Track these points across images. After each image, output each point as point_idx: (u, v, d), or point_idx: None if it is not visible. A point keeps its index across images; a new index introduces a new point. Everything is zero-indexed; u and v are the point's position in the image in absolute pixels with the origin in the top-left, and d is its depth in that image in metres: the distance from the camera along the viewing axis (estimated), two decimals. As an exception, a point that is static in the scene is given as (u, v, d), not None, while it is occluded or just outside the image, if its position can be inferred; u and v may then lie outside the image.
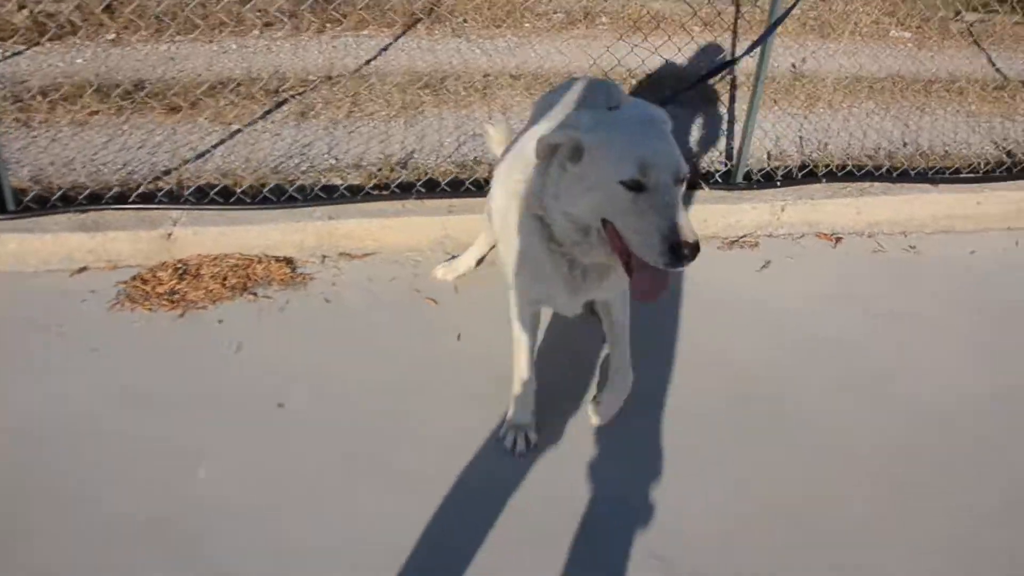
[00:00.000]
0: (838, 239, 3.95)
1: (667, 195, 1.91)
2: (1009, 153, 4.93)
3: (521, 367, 2.58)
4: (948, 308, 3.56)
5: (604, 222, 2.00)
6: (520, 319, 2.53)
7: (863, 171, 4.27)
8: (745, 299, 3.45)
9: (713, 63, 6.32)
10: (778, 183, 3.97)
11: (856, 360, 3.20)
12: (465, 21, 6.97)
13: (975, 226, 4.22)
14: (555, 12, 7.41)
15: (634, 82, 5.86)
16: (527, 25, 7.04)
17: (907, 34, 7.94)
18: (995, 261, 4.01)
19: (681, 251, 1.84)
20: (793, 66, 6.61)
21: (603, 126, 2.00)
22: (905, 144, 5.15)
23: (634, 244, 1.92)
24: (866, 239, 4.00)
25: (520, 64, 6.06)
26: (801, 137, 4.98)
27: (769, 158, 4.53)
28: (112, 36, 5.59)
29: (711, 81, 5.74)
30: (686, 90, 2.97)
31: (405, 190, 3.73)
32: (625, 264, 2.00)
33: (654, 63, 6.21)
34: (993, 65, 7.26)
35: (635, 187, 1.90)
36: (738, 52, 6.80)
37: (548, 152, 2.05)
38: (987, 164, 4.57)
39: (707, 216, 3.78)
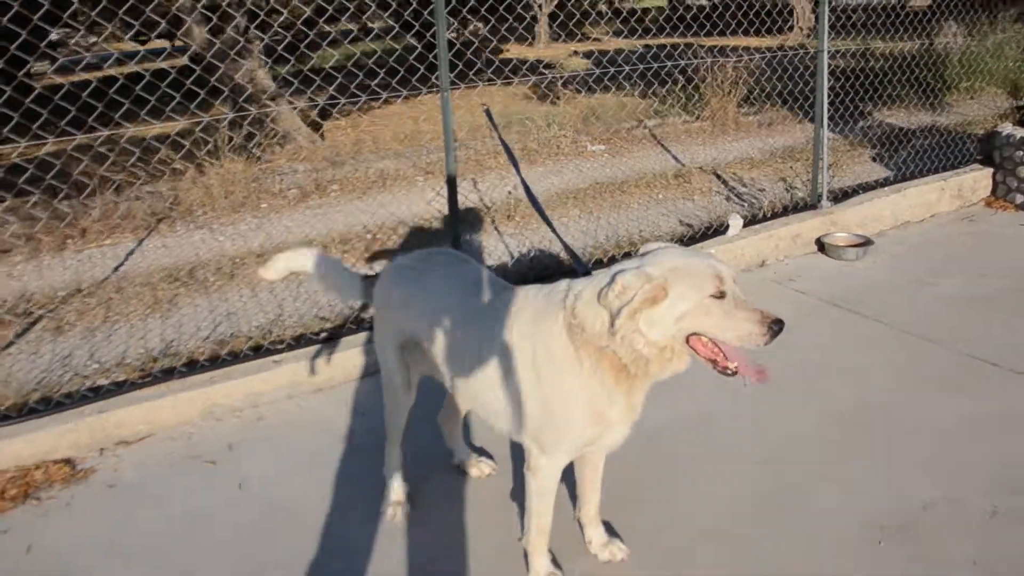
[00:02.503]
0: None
1: (738, 291, 2.29)
2: (689, 226, 5.92)
3: (548, 520, 2.70)
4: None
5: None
6: (556, 477, 2.61)
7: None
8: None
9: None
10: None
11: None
12: (205, 213, 7.40)
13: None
14: (289, 189, 8.01)
15: (371, 236, 6.46)
16: (264, 206, 7.58)
17: (602, 146, 9.20)
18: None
19: (776, 326, 2.22)
20: (509, 192, 7.52)
21: (662, 264, 2.28)
22: (607, 238, 6.08)
23: (734, 339, 2.24)
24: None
25: (263, 242, 6.54)
26: (517, 252, 5.78)
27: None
28: None
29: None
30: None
31: (169, 374, 4.06)
32: (713, 364, 2.31)
33: (387, 214, 6.92)
34: (674, 157, 8.54)
35: (720, 296, 2.24)
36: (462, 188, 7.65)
37: (648, 303, 2.24)
38: (674, 238, 5.52)
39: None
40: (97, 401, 3.76)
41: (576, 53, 19.11)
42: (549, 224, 3.16)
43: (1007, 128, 6.72)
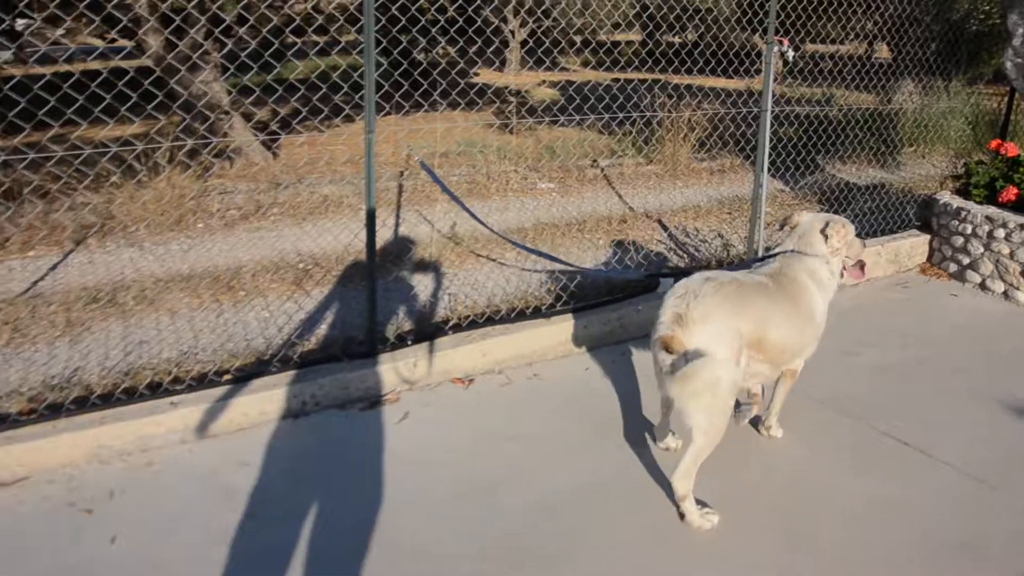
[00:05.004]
0: (471, 381, 4.55)
1: None
2: (593, 281, 5.72)
3: None
4: (560, 421, 4.21)
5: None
6: None
7: (499, 315, 4.99)
8: (386, 452, 3.89)
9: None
10: (408, 342, 4.54)
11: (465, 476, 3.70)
12: (138, 230, 7.22)
13: (587, 346, 5.02)
14: (228, 210, 7.85)
15: (302, 267, 6.30)
16: (200, 226, 7.41)
17: (552, 185, 9.15)
18: (603, 373, 4.78)
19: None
20: (453, 225, 7.43)
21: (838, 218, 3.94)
22: (541, 284, 5.99)
23: (858, 255, 3.97)
24: (496, 375, 4.64)
25: (192, 264, 6.38)
26: (450, 293, 5.68)
27: (415, 317, 5.14)
28: None
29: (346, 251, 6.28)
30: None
31: (57, 410, 3.89)
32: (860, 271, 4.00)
33: (327, 243, 6.80)
34: (623, 201, 8.49)
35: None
36: (400, 221, 7.56)
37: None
38: (600, 293, 5.45)
39: (349, 383, 4.24)
40: (-28, 438, 3.59)
41: (544, 83, 19.11)
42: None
43: (945, 196, 6.76)
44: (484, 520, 3.39)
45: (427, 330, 4.83)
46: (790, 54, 5.58)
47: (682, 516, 3.39)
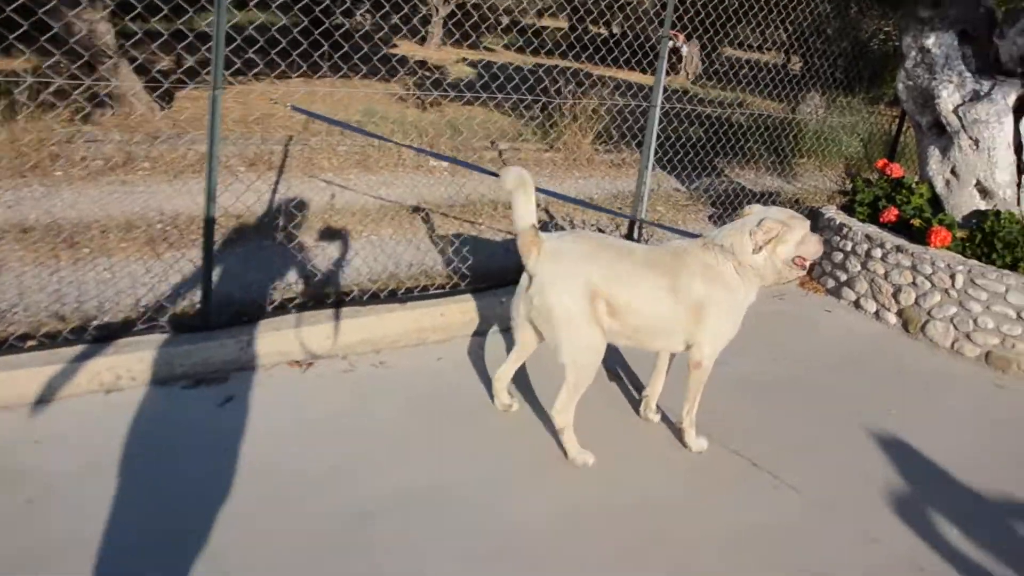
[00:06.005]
0: (309, 364, 4.26)
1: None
2: (469, 267, 5.51)
3: None
4: (398, 414, 3.96)
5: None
6: None
7: (350, 296, 4.71)
8: (197, 439, 3.57)
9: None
10: (244, 319, 4.23)
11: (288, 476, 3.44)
12: (-15, 171, 6.68)
13: (442, 336, 4.78)
14: (94, 159, 7.35)
15: (160, 227, 5.87)
16: (58, 174, 6.91)
17: (446, 164, 8.86)
18: (457, 365, 4.56)
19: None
20: (332, 197, 7.10)
21: (779, 215, 3.77)
22: (411, 265, 5.73)
23: (815, 254, 3.82)
24: (339, 360, 4.37)
25: (40, 215, 5.91)
26: (312, 268, 5.37)
27: (266, 292, 4.82)
28: None
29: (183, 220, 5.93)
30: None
31: None
32: (803, 268, 3.86)
33: (191, 204, 6.38)
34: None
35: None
36: (279, 189, 7.19)
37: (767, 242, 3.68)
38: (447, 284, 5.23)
39: (173, 358, 3.91)
40: None
41: (465, 60, 18.76)
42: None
43: (830, 211, 6.76)
44: (289, 528, 3.11)
45: (273, 307, 4.52)
46: (684, 49, 5.40)
47: (565, 453, 3.73)
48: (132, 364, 3.80)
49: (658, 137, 8.10)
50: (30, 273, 4.89)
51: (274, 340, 4.17)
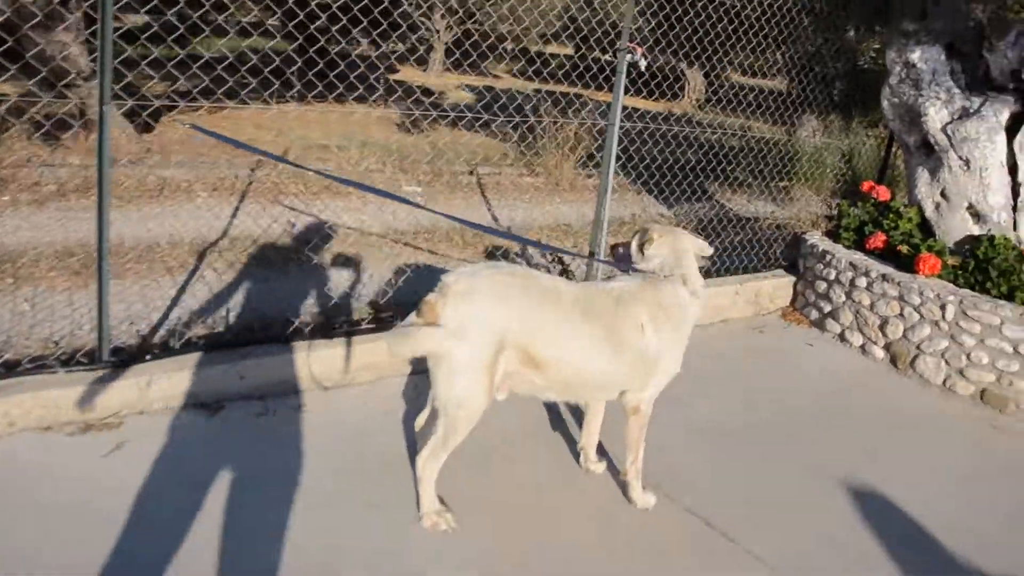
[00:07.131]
0: (219, 408, 3.87)
1: None
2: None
3: None
4: (315, 462, 3.56)
5: None
6: None
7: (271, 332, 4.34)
8: (70, 495, 3.18)
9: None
10: (148, 357, 3.86)
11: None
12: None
13: (375, 375, 4.38)
14: (47, 184, 7.07)
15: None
16: (5, 198, 6.62)
17: (418, 188, 8.53)
18: (386, 410, 4.15)
19: None
20: (291, 224, 6.75)
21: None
22: (353, 296, 5.37)
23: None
24: (254, 403, 3.97)
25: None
26: (249, 299, 5.01)
27: (185, 326, 4.45)
28: None
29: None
30: None
31: None
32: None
33: (141, 232, 6.07)
34: (490, 212, 7.91)
35: None
36: (236, 213, 6.86)
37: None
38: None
39: (58, 403, 3.53)
40: None
41: (464, 86, 18.53)
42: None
43: (814, 237, 6.35)
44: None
45: (182, 343, 4.14)
46: (642, 63, 5.02)
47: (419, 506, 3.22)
48: (8, 408, 3.43)
49: (649, 160, 7.82)
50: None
51: (179, 381, 3.79)
